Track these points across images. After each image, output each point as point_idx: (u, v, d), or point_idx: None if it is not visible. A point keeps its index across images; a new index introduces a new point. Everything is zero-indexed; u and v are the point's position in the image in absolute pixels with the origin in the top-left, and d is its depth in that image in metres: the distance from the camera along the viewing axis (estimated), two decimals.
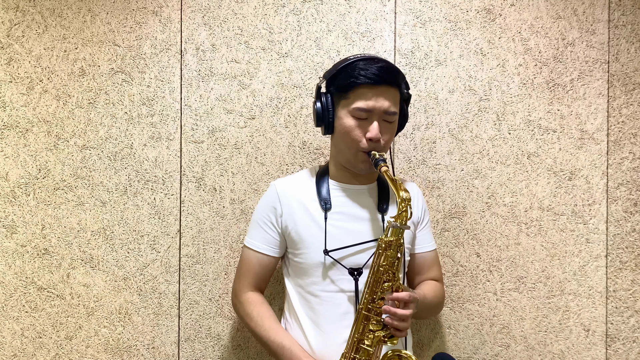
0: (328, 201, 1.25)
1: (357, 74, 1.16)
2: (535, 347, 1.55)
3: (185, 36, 1.57)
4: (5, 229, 1.56)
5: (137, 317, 1.56)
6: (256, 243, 1.29)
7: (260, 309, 1.26)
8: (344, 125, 1.19)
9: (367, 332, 1.13)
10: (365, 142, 1.19)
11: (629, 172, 1.55)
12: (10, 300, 1.56)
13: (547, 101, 1.56)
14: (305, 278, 1.24)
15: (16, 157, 1.56)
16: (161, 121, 1.57)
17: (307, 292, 1.24)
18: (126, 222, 1.56)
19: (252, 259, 1.29)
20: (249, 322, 1.27)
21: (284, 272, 1.33)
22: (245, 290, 1.29)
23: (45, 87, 1.56)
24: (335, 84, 1.21)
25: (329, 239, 1.22)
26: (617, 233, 1.54)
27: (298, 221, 1.24)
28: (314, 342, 1.21)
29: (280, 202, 1.26)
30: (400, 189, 1.12)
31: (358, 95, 1.17)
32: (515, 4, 1.56)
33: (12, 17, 1.57)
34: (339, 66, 1.20)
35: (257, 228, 1.29)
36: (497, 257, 1.55)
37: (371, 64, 1.17)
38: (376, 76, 1.15)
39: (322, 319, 1.21)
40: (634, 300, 1.54)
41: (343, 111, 1.19)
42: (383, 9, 1.56)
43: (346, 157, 1.24)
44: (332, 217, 1.24)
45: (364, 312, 1.14)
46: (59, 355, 1.56)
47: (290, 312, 1.28)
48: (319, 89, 1.26)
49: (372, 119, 1.18)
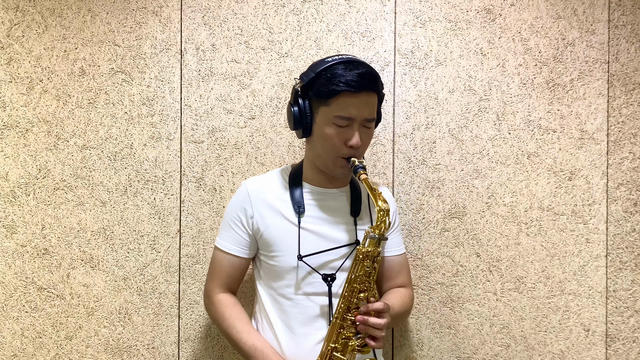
0: (301, 205, 1.23)
1: (338, 80, 1.12)
2: (535, 347, 1.55)
3: (185, 36, 1.57)
4: (5, 229, 1.56)
5: (137, 317, 1.56)
6: (227, 244, 1.26)
7: (232, 310, 1.24)
8: (324, 133, 1.17)
9: (341, 341, 1.13)
10: (345, 149, 1.17)
11: (629, 172, 1.55)
12: (10, 300, 1.56)
13: (547, 101, 1.56)
14: (278, 281, 1.23)
15: (16, 157, 1.56)
16: (161, 121, 1.57)
17: (279, 295, 1.23)
18: (126, 222, 1.56)
19: (223, 260, 1.27)
20: (221, 324, 1.25)
21: (254, 273, 1.31)
22: (217, 291, 1.27)
23: (45, 87, 1.56)
24: (314, 89, 1.17)
25: (302, 243, 1.20)
26: (617, 233, 1.54)
27: (270, 224, 1.22)
28: (285, 344, 1.20)
29: (251, 203, 1.24)
30: (379, 198, 1.12)
31: (340, 103, 1.13)
32: (515, 4, 1.56)
33: (12, 17, 1.57)
34: (317, 69, 1.16)
35: (228, 229, 1.26)
36: (497, 257, 1.55)
37: (351, 68, 1.13)
38: (358, 83, 1.12)
39: (294, 322, 1.21)
40: (634, 300, 1.54)
41: (323, 117, 1.16)
42: (383, 9, 1.56)
43: (324, 162, 1.22)
44: (305, 221, 1.22)
45: (339, 321, 1.13)
46: (59, 355, 1.56)
47: (261, 313, 1.27)
48: (297, 92, 1.20)
49: (353, 127, 1.16)
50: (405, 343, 1.56)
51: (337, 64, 1.15)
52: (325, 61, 1.17)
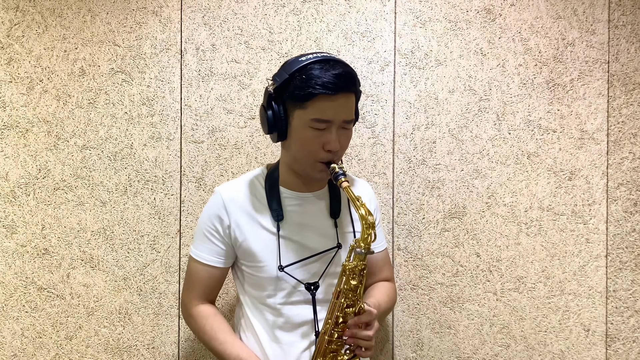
0: (280, 212, 1.17)
1: (314, 83, 1.05)
2: (535, 347, 1.55)
3: (185, 36, 1.57)
4: (5, 229, 1.56)
5: (137, 317, 1.56)
6: (203, 255, 1.20)
7: (213, 321, 1.19)
8: (301, 137, 1.10)
9: (329, 355, 1.11)
10: (323, 153, 1.11)
11: (629, 172, 1.55)
12: (10, 300, 1.56)
13: (547, 101, 1.56)
14: (260, 290, 1.19)
15: (16, 157, 1.56)
16: (161, 121, 1.57)
17: (261, 304, 1.19)
18: (126, 222, 1.56)
19: (200, 271, 1.20)
20: (202, 336, 1.20)
21: (236, 282, 1.27)
22: (196, 303, 1.22)
23: (45, 87, 1.56)
24: (289, 91, 1.09)
25: (282, 252, 1.16)
26: (617, 233, 1.54)
27: (248, 234, 1.17)
28: (270, 352, 1.17)
29: (227, 211, 1.17)
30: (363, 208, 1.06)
31: (316, 106, 1.07)
32: (515, 4, 1.56)
33: (12, 17, 1.57)
34: (291, 70, 1.08)
35: (203, 239, 1.20)
36: (497, 257, 1.55)
37: (327, 69, 1.06)
38: (335, 85, 1.05)
39: (278, 331, 1.18)
40: (634, 300, 1.54)
41: (299, 121, 1.09)
42: (383, 9, 1.56)
43: (302, 166, 1.16)
44: (284, 229, 1.17)
45: (327, 337, 1.10)
46: (59, 355, 1.56)
47: (244, 321, 1.23)
48: (270, 95, 1.12)
49: (331, 129, 1.09)
50: (405, 343, 1.56)
51: (311, 64, 1.07)
52: (299, 60, 1.09)
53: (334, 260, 1.20)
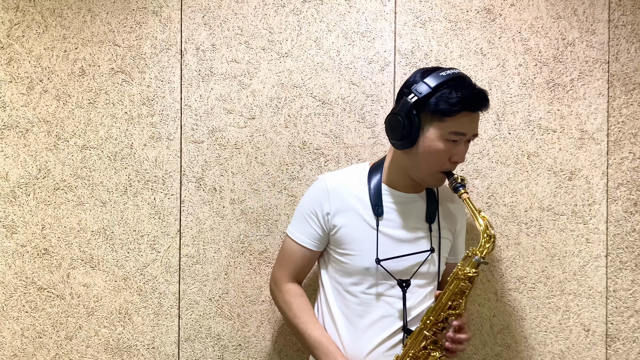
0: (380, 207, 1.23)
1: (458, 100, 1.11)
2: (535, 347, 1.55)
3: (185, 36, 1.57)
4: (5, 229, 1.56)
5: (137, 317, 1.56)
6: (301, 237, 1.27)
7: (299, 301, 1.27)
8: (433, 147, 1.15)
9: (421, 350, 1.17)
10: (448, 164, 1.18)
11: (629, 172, 1.55)
12: (10, 300, 1.56)
13: (547, 101, 1.56)
14: (347, 278, 1.24)
15: (16, 157, 1.56)
16: (161, 121, 1.57)
17: (345, 291, 1.24)
18: (126, 222, 1.56)
19: (296, 251, 1.28)
20: (287, 312, 1.27)
21: (320, 264, 1.32)
22: (286, 280, 1.30)
23: (45, 87, 1.56)
24: (431, 104, 1.13)
25: (379, 247, 1.21)
26: (617, 233, 1.54)
27: (348, 223, 1.23)
28: (346, 339, 1.22)
29: (329, 199, 1.24)
30: (484, 220, 1.13)
31: (457, 121, 1.13)
32: (515, 4, 1.56)
33: (12, 17, 1.57)
34: (434, 84, 1.13)
35: (303, 221, 1.27)
36: (497, 257, 1.55)
37: (468, 86, 1.14)
38: (479, 103, 1.14)
39: (357, 319, 1.22)
40: (634, 300, 1.54)
41: (435, 133, 1.15)
42: (383, 9, 1.56)
43: (421, 174, 1.21)
44: (382, 224, 1.23)
45: (425, 332, 1.16)
46: (59, 355, 1.56)
47: (324, 304, 1.28)
48: (410, 106, 1.15)
49: (462, 142, 1.17)
50: None
51: (454, 79, 1.14)
52: (439, 75, 1.14)
53: (425, 263, 1.24)
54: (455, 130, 1.14)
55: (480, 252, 1.13)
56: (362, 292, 1.22)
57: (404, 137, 1.17)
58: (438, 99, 1.13)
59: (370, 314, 1.22)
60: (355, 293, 1.23)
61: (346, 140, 1.55)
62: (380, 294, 1.22)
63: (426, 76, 1.15)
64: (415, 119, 1.15)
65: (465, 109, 1.13)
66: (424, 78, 1.15)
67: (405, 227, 1.25)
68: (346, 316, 1.23)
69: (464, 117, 1.14)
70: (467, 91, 1.13)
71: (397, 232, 1.24)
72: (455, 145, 1.16)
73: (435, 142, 1.15)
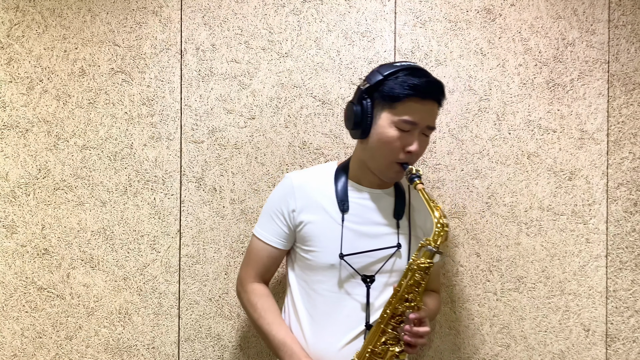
0: (346, 203, 1.23)
1: (407, 85, 1.13)
2: (535, 347, 1.55)
3: (185, 36, 1.57)
4: (5, 229, 1.56)
5: (137, 317, 1.56)
6: (267, 235, 1.27)
7: (264, 301, 1.26)
8: (385, 135, 1.16)
9: (380, 346, 1.15)
10: (403, 154, 1.17)
11: (629, 172, 1.55)
12: (10, 300, 1.56)
13: (547, 101, 1.56)
14: (312, 275, 1.23)
15: (16, 157, 1.56)
16: (161, 121, 1.57)
17: (311, 289, 1.23)
18: (126, 222, 1.56)
19: (262, 250, 1.27)
20: (252, 313, 1.26)
21: (288, 264, 1.32)
22: (251, 280, 1.28)
23: (45, 87, 1.56)
24: (381, 91, 1.16)
25: (344, 242, 1.21)
26: (617, 233, 1.54)
27: (314, 220, 1.22)
28: (311, 339, 1.21)
29: (295, 196, 1.24)
30: (437, 210, 1.12)
31: (407, 107, 1.14)
32: (515, 4, 1.56)
33: (12, 17, 1.57)
34: (385, 72, 1.16)
35: (269, 219, 1.27)
36: (497, 257, 1.55)
37: (420, 75, 1.15)
38: (427, 91, 1.15)
39: (323, 318, 1.21)
40: (634, 300, 1.54)
41: (386, 120, 1.16)
42: (383, 9, 1.56)
43: (378, 165, 1.21)
44: (348, 220, 1.22)
45: (382, 326, 1.15)
46: (59, 355, 1.56)
47: (291, 304, 1.27)
48: (362, 92, 1.19)
49: (414, 133, 1.16)
50: None
51: (406, 69, 1.16)
52: (394, 65, 1.18)
53: (391, 260, 1.23)
54: (406, 118, 1.14)
55: (435, 241, 1.12)
56: (328, 291, 1.21)
57: (357, 124, 1.19)
58: (388, 85, 1.15)
59: (336, 312, 1.21)
60: (321, 291, 1.22)
61: (346, 140, 1.55)
62: (345, 292, 1.21)
63: (381, 67, 1.19)
64: (368, 105, 1.18)
65: (415, 95, 1.13)
66: (378, 68, 1.20)
67: (372, 222, 1.24)
68: (312, 315, 1.22)
69: (414, 104, 1.14)
70: (419, 79, 1.14)
71: (363, 227, 1.23)
72: (409, 136, 1.16)
73: (386, 130, 1.16)
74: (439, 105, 1.20)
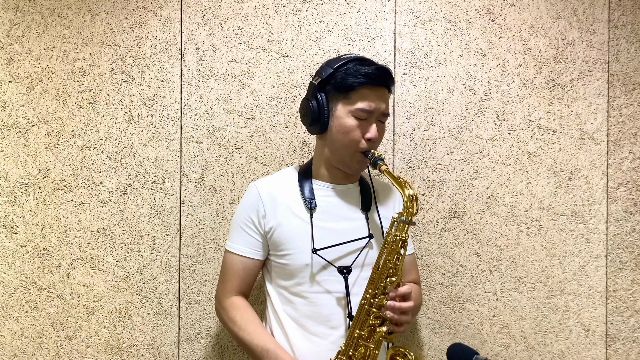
0: (312, 201, 1.24)
1: (359, 74, 1.17)
2: (535, 347, 1.55)
3: (185, 36, 1.57)
4: (5, 229, 1.56)
5: (137, 317, 1.56)
6: (240, 247, 1.25)
7: (243, 313, 1.23)
8: (344, 125, 1.19)
9: (366, 329, 1.14)
10: (364, 142, 1.20)
11: (629, 172, 1.55)
12: (10, 300, 1.56)
13: (547, 101, 1.56)
14: (290, 280, 1.22)
15: (16, 157, 1.56)
16: (161, 121, 1.57)
17: (291, 294, 1.22)
18: (126, 222, 1.56)
19: (237, 263, 1.25)
20: (232, 327, 1.23)
21: (264, 275, 1.30)
22: (229, 295, 1.26)
23: (45, 87, 1.56)
24: (333, 83, 1.19)
25: (315, 239, 1.21)
26: (617, 233, 1.54)
27: (283, 222, 1.22)
28: (298, 344, 1.20)
29: (262, 203, 1.23)
30: (405, 186, 1.14)
31: (361, 95, 1.17)
32: (515, 4, 1.56)
33: (12, 17, 1.57)
34: (335, 65, 1.20)
35: (239, 231, 1.26)
36: (497, 257, 1.55)
37: (368, 64, 1.19)
38: (378, 77, 1.18)
39: (307, 321, 1.20)
40: (634, 300, 1.54)
41: (343, 111, 1.19)
42: (383, 9, 1.56)
43: (341, 157, 1.23)
44: (317, 218, 1.23)
45: (366, 307, 1.14)
46: (59, 355, 1.56)
47: (272, 314, 1.26)
48: (314, 87, 1.22)
49: (371, 120, 1.20)
50: (405, 343, 1.56)
51: (353, 60, 1.19)
52: (341, 58, 1.21)
53: (364, 251, 1.24)
54: (362, 106, 1.17)
55: (407, 213, 1.13)
56: (307, 291, 1.21)
57: (315, 119, 1.22)
58: (340, 76, 1.19)
59: (319, 312, 1.20)
60: (301, 294, 1.21)
61: None
62: (325, 290, 1.21)
63: (330, 61, 1.23)
64: (323, 99, 1.21)
65: (368, 82, 1.16)
66: (327, 62, 1.23)
67: (341, 217, 1.25)
68: (294, 320, 1.21)
69: (367, 92, 1.17)
70: (369, 67, 1.18)
71: (332, 224, 1.23)
72: (367, 124, 1.19)
73: (344, 120, 1.19)
74: (389, 91, 1.24)
